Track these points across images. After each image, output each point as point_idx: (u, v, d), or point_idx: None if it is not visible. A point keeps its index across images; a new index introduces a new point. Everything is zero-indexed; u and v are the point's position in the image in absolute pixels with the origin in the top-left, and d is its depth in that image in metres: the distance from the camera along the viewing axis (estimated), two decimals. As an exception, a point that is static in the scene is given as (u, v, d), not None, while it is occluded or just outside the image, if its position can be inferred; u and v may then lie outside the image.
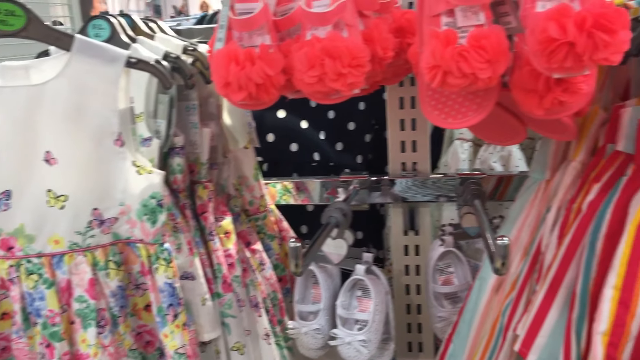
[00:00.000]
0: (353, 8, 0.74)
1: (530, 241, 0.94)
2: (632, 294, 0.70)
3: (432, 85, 0.65)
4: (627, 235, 0.71)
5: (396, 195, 1.23)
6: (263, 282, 1.07)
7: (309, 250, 0.83)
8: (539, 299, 0.83)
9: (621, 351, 0.72)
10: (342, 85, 0.69)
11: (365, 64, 0.70)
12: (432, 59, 0.64)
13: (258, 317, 1.01)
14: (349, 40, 0.69)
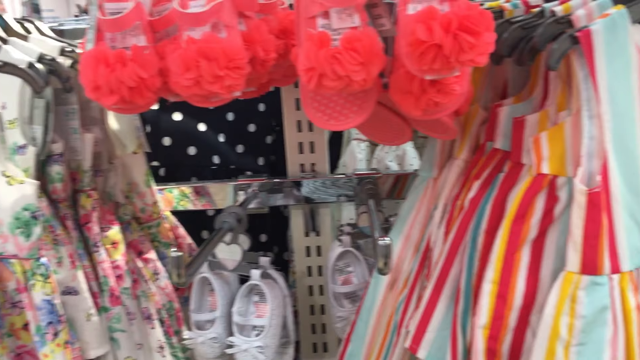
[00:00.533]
0: (232, 8, 0.72)
1: (421, 238, 0.96)
2: (508, 287, 0.73)
3: (309, 88, 0.65)
4: (502, 230, 0.74)
5: (295, 196, 1.22)
6: (157, 292, 1.03)
7: (194, 259, 0.81)
8: (427, 294, 0.85)
9: (501, 343, 0.74)
10: (220, 87, 0.67)
11: (243, 66, 0.68)
12: (307, 61, 0.64)
13: (151, 330, 0.97)
14: (225, 42, 0.67)
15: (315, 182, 1.20)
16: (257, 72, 0.77)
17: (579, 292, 0.68)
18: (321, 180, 1.20)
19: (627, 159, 0.68)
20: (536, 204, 0.73)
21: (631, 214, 0.69)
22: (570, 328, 0.68)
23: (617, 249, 0.68)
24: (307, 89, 0.70)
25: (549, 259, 0.73)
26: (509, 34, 0.75)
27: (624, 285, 0.68)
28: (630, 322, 0.68)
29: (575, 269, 0.68)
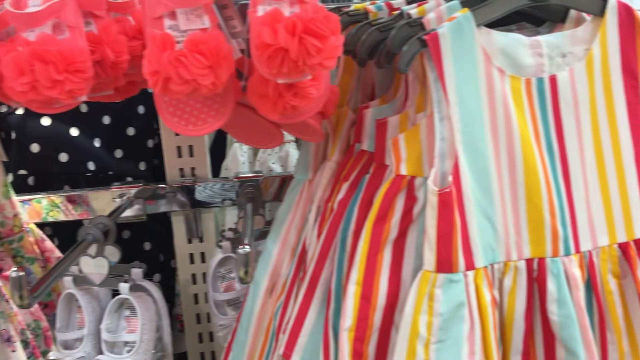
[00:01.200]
0: (76, 8, 0.68)
1: (298, 241, 0.95)
2: (372, 287, 0.73)
3: (155, 92, 0.62)
4: (365, 231, 0.74)
5: (175, 202, 1.18)
6: (20, 312, 0.96)
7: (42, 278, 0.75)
8: (300, 298, 0.84)
9: (367, 344, 0.74)
10: (60, 92, 0.62)
11: (85, 69, 0.64)
12: (150, 65, 0.61)
13: (12, 353, 0.90)
14: (63, 43, 0.63)
15: (196, 187, 1.17)
16: (109, 75, 0.72)
17: (436, 290, 0.69)
18: (201, 185, 1.17)
19: (477, 159, 0.70)
20: (396, 204, 0.73)
21: (483, 212, 0.71)
22: (429, 326, 0.69)
23: (471, 246, 0.70)
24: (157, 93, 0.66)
25: (410, 258, 0.74)
26: (367, 36, 0.75)
27: (479, 281, 0.70)
28: (486, 317, 0.70)
29: (431, 268, 0.69)
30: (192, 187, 1.17)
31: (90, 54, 0.67)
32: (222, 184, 1.17)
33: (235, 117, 0.83)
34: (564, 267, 0.73)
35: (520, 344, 0.74)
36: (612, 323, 0.76)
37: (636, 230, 0.76)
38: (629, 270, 0.75)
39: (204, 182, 1.17)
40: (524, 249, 0.73)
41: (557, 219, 0.72)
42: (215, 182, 1.17)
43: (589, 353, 0.72)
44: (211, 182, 1.17)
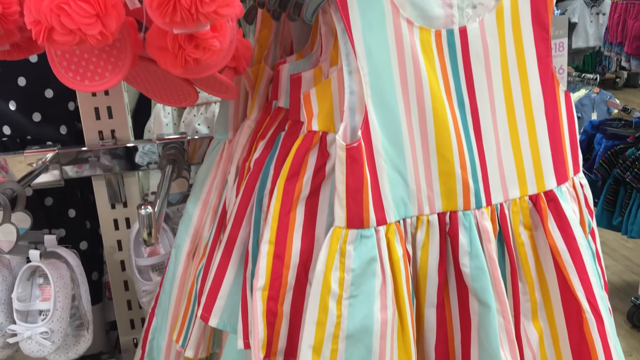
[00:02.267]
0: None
1: (218, 203, 0.93)
2: (284, 246, 0.72)
3: (38, 43, 0.57)
4: (277, 189, 0.72)
5: (96, 166, 1.13)
6: None
7: None
8: (217, 260, 0.82)
9: (281, 303, 0.74)
10: None
11: (-37, 21, 0.59)
12: (30, 14, 0.56)
13: None
14: None
15: (116, 150, 1.12)
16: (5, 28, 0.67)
17: (347, 246, 0.68)
18: (122, 148, 1.12)
19: (387, 113, 0.69)
20: (308, 161, 0.72)
21: (395, 167, 0.70)
22: (340, 282, 0.68)
23: (383, 201, 0.69)
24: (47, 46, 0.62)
25: (323, 216, 0.73)
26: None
27: (391, 236, 0.70)
28: (398, 271, 0.70)
29: (342, 224, 0.68)
30: (113, 150, 1.13)
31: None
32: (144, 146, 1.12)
33: (143, 73, 0.79)
34: (475, 220, 0.73)
35: (434, 296, 0.75)
36: (524, 274, 0.78)
37: (546, 182, 0.76)
38: (539, 222, 0.76)
39: (123, 145, 1.12)
40: (436, 203, 0.72)
41: (468, 172, 0.72)
42: (137, 144, 1.13)
43: (500, 304, 0.74)
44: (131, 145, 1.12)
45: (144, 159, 1.14)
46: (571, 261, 0.75)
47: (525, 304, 0.78)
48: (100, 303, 1.37)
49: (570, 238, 0.75)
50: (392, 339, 0.70)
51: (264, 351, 0.72)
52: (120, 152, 1.13)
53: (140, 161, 1.14)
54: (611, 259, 3.13)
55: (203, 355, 0.93)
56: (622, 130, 2.81)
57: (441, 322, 0.76)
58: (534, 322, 0.79)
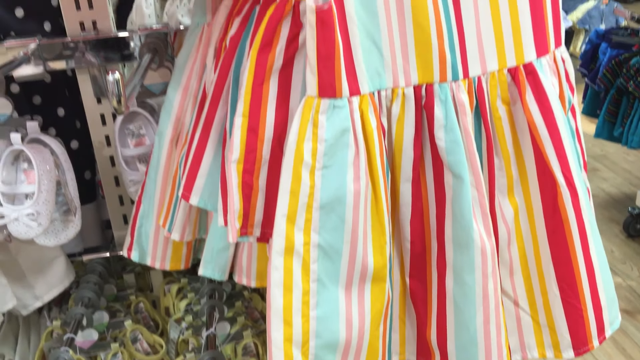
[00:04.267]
0: None
1: (199, 88, 0.92)
2: (258, 119, 0.72)
3: None
4: (249, 61, 0.71)
5: (79, 59, 1.12)
6: None
7: None
8: (195, 140, 0.83)
9: (257, 177, 0.74)
10: None
11: None
12: None
13: None
14: None
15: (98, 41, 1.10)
16: None
17: (320, 116, 0.68)
18: (103, 39, 1.10)
19: (361, -24, 0.66)
20: (281, 31, 0.70)
21: (369, 35, 0.68)
22: (313, 152, 0.68)
23: (356, 70, 0.68)
24: None
25: (297, 87, 0.72)
26: None
27: (364, 107, 0.69)
28: (372, 143, 0.70)
29: (313, 93, 0.67)
30: (95, 42, 1.11)
31: None
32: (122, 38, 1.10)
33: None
34: (451, 92, 0.72)
35: (409, 171, 0.75)
36: (501, 149, 0.78)
37: (526, 53, 0.75)
38: (517, 96, 0.75)
39: (105, 36, 1.10)
40: (412, 75, 0.71)
41: (445, 42, 0.70)
42: (118, 36, 1.11)
43: (475, 177, 0.74)
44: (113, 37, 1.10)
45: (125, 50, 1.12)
46: (548, 135, 0.74)
47: (500, 179, 0.78)
48: (95, 202, 1.39)
49: (548, 112, 0.74)
50: (365, 210, 0.71)
51: (240, 222, 0.74)
52: (103, 44, 1.11)
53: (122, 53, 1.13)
54: (611, 172, 3.14)
55: (189, 239, 0.96)
56: (628, 38, 2.74)
57: (416, 197, 0.77)
58: (509, 198, 0.80)
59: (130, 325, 1.13)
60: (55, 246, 1.07)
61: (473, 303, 0.76)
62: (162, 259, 1.02)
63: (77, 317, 1.05)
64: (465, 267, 0.75)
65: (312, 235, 0.70)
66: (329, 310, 0.72)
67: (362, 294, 0.75)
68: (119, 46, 1.12)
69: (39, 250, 1.14)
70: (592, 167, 3.15)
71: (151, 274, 1.36)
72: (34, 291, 1.16)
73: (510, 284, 0.83)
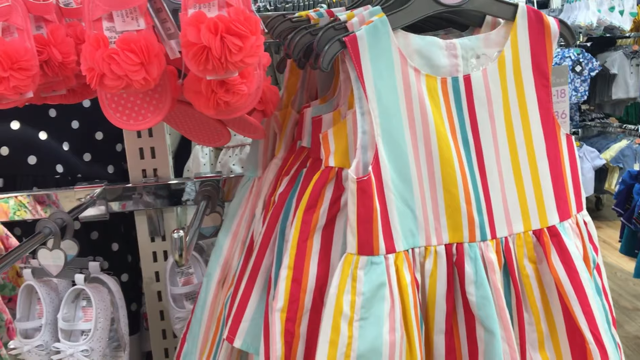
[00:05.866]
0: (25, 12, 0.74)
1: (247, 235, 1.01)
2: (302, 271, 0.79)
3: (92, 87, 0.67)
4: (296, 219, 0.79)
5: (138, 202, 1.23)
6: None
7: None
8: (242, 286, 0.89)
9: (298, 325, 0.80)
10: (6, 89, 0.68)
11: (30, 67, 0.70)
12: (85, 62, 0.66)
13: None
14: (8, 44, 0.68)
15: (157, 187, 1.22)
16: (57, 74, 0.78)
17: (358, 271, 0.74)
18: (162, 185, 1.22)
19: (396, 150, 0.76)
20: (325, 194, 0.79)
21: (403, 200, 0.77)
22: (352, 305, 0.74)
23: (392, 231, 0.75)
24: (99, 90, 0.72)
25: (338, 244, 0.79)
26: (300, 38, 0.81)
27: (399, 263, 0.76)
28: (406, 296, 0.76)
29: (353, 251, 0.74)
30: (154, 187, 1.22)
31: (36, 54, 0.73)
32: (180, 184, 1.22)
33: (181, 115, 0.89)
34: (480, 251, 0.78)
35: (442, 323, 0.79)
36: (530, 305, 0.82)
37: (549, 218, 0.81)
38: (543, 255, 0.81)
39: (164, 183, 1.22)
40: (443, 235, 0.78)
41: (473, 207, 0.78)
42: (175, 182, 1.22)
43: (505, 331, 0.78)
44: (172, 183, 1.22)
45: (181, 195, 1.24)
46: (574, 294, 0.79)
47: (531, 334, 0.82)
48: (138, 333, 1.45)
49: (573, 272, 0.79)
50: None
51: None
52: (161, 189, 1.23)
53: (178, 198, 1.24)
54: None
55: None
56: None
57: (450, 349, 0.80)
58: (540, 353, 0.82)
59: None
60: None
61: None
62: (202, 398, 1.04)
63: None
64: (499, 421, 0.77)
65: (350, 385, 0.74)
66: None
67: None
68: (175, 191, 1.23)
69: (84, 383, 1.18)
70: (634, 307, 3.07)
71: (187, 410, 1.37)
72: None
73: None
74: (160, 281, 1.29)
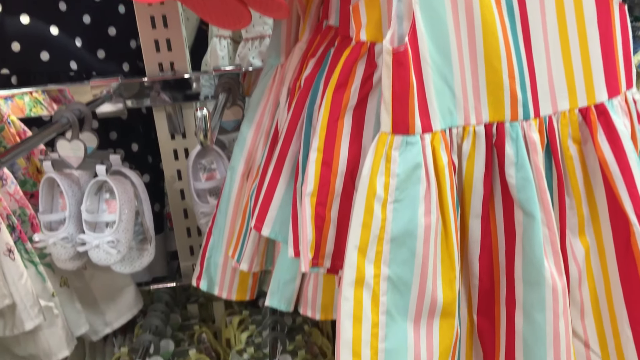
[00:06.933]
0: None
1: (271, 125, 0.97)
2: (332, 153, 0.75)
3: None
4: (326, 99, 0.74)
5: (155, 97, 1.19)
6: (5, 198, 0.99)
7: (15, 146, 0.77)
8: (269, 174, 0.86)
9: (329, 209, 0.77)
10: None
11: None
12: None
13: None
14: None
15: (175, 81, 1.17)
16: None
17: (393, 151, 0.70)
18: (180, 79, 1.17)
19: (434, 21, 0.69)
20: (356, 71, 0.74)
21: (442, 75, 0.71)
22: (385, 186, 0.70)
23: (428, 108, 0.71)
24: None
25: (370, 125, 0.75)
26: None
27: (436, 143, 0.71)
28: (443, 178, 0.72)
29: (387, 130, 0.70)
30: (172, 82, 1.18)
31: None
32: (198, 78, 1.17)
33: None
34: (522, 131, 0.73)
35: (479, 207, 0.76)
36: (572, 188, 0.78)
37: (597, 94, 0.76)
38: (589, 135, 0.76)
39: (182, 76, 1.17)
40: (483, 114, 0.73)
41: (516, 83, 0.72)
42: (194, 75, 1.17)
43: (546, 215, 0.74)
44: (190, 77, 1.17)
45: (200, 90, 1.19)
46: (620, 174, 0.74)
47: (572, 219, 0.78)
48: (162, 233, 1.45)
49: (620, 151, 0.74)
50: (435, 245, 0.72)
51: (312, 252, 0.76)
52: (179, 84, 1.18)
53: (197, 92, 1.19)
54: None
55: (257, 269, 0.98)
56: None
57: (486, 234, 0.77)
58: (580, 237, 0.79)
59: (195, 354, 1.16)
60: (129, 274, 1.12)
61: (543, 342, 0.75)
62: (229, 290, 1.05)
63: (145, 343, 1.09)
64: (535, 305, 0.75)
65: (382, 268, 0.72)
66: (397, 343, 0.73)
67: (431, 329, 0.75)
68: (194, 86, 1.18)
69: (111, 279, 1.19)
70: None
71: (214, 306, 1.39)
72: (105, 318, 1.20)
73: (581, 326, 0.82)
74: (183, 179, 1.27)
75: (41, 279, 1.00)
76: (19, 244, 0.99)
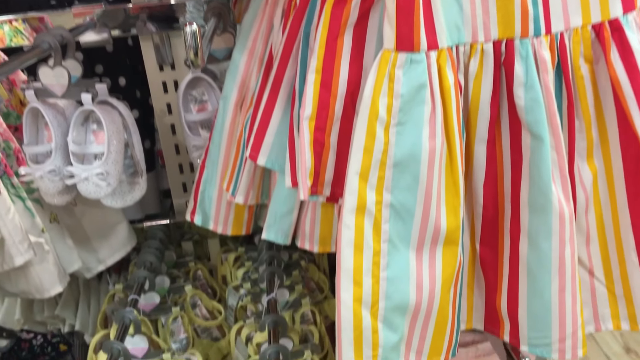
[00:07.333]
0: None
1: (265, 51, 0.92)
2: (332, 74, 0.71)
3: None
4: (324, 14, 0.70)
5: (142, 27, 1.13)
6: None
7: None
8: (263, 101, 0.82)
9: (328, 134, 0.73)
10: None
11: None
12: None
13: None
14: None
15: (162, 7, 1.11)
16: None
17: (397, 70, 0.66)
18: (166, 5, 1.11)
19: None
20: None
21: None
22: (388, 108, 0.67)
23: (435, 23, 0.66)
24: None
25: (372, 43, 0.70)
26: None
27: (442, 62, 0.67)
28: (448, 100, 0.68)
29: (391, 46, 0.65)
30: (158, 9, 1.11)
31: None
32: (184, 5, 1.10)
33: None
34: (533, 48, 0.69)
35: (485, 131, 0.73)
36: (582, 110, 0.74)
37: (612, 8, 0.71)
38: (601, 54, 0.72)
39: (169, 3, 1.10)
40: (492, 29, 0.69)
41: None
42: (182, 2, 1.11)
43: (555, 138, 0.71)
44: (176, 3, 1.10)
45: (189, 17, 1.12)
46: (633, 94, 0.71)
47: (580, 143, 0.75)
48: (154, 171, 1.41)
49: (633, 69, 0.71)
50: (439, 170, 0.69)
51: (311, 180, 0.73)
52: (166, 10, 1.11)
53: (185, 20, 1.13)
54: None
55: (252, 202, 0.95)
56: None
57: (491, 159, 0.74)
58: (588, 162, 0.76)
59: (191, 290, 1.14)
60: (120, 208, 1.09)
61: (548, 270, 0.73)
62: (225, 224, 1.02)
63: (140, 279, 1.07)
64: (541, 232, 0.73)
65: (385, 194, 0.69)
66: (399, 271, 0.71)
67: (434, 257, 0.73)
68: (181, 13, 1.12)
69: (103, 215, 1.16)
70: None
71: (209, 243, 1.37)
72: (98, 255, 1.18)
73: (586, 253, 0.80)
74: (173, 113, 1.22)
75: (30, 214, 0.97)
76: (4, 178, 0.95)
